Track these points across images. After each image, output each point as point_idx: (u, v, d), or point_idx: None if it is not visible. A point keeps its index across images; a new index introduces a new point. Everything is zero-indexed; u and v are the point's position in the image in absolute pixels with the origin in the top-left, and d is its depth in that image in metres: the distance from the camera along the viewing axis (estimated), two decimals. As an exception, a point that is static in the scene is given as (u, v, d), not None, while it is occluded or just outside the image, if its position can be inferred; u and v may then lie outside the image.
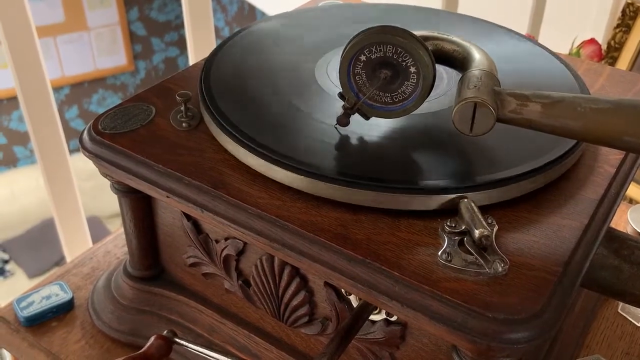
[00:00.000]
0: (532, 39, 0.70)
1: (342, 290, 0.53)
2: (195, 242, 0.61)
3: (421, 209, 0.48)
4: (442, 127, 0.54)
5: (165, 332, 0.54)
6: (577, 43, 1.12)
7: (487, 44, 0.63)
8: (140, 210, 0.62)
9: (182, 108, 0.57)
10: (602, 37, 1.45)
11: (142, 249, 0.65)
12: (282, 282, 0.56)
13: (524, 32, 1.14)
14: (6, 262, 3.02)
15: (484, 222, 0.44)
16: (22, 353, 0.67)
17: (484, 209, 0.47)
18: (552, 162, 0.51)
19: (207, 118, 0.56)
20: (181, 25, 3.65)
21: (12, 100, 3.22)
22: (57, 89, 3.39)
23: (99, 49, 3.49)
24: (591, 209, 0.50)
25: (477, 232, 0.44)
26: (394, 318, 0.52)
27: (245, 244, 0.57)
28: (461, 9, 1.36)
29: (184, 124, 0.57)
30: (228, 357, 0.52)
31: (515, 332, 0.40)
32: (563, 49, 1.06)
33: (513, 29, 0.71)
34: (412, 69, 0.50)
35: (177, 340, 0.54)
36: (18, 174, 3.36)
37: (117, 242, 0.80)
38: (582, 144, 0.54)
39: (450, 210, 0.47)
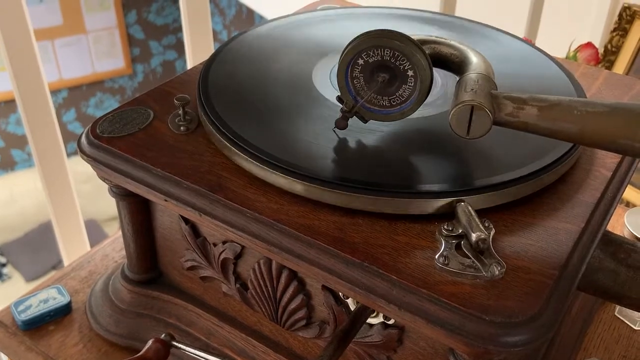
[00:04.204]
0: (529, 42, 0.70)
1: (340, 293, 0.53)
2: (193, 245, 0.61)
3: (418, 212, 0.48)
4: (439, 130, 0.54)
5: (163, 335, 0.54)
6: (574, 47, 1.12)
7: (484, 47, 0.63)
8: (138, 214, 0.62)
9: (180, 112, 0.58)
10: (599, 41, 1.45)
11: (140, 252, 0.65)
12: (279, 286, 0.56)
13: (521, 36, 1.15)
14: (3, 265, 3.01)
15: (480, 226, 0.44)
16: (20, 357, 0.67)
17: (481, 213, 0.47)
18: (549, 166, 0.51)
19: (205, 122, 0.56)
20: (179, 29, 3.65)
21: (10, 103, 3.21)
22: (55, 92, 3.39)
23: (97, 52, 3.49)
24: (588, 212, 0.50)
25: (474, 236, 0.44)
26: (391, 321, 0.52)
27: (243, 247, 0.57)
28: (459, 12, 1.36)
29: (182, 128, 0.57)
30: (226, 361, 0.52)
31: (512, 335, 0.41)
32: (560, 52, 1.06)
33: (510, 32, 0.71)
34: (410, 73, 0.50)
35: (175, 343, 0.54)
36: (16, 177, 3.36)
37: (115, 246, 0.80)
38: (579, 147, 0.54)
39: (448, 214, 0.47)
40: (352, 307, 0.53)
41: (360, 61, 0.51)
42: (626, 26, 1.18)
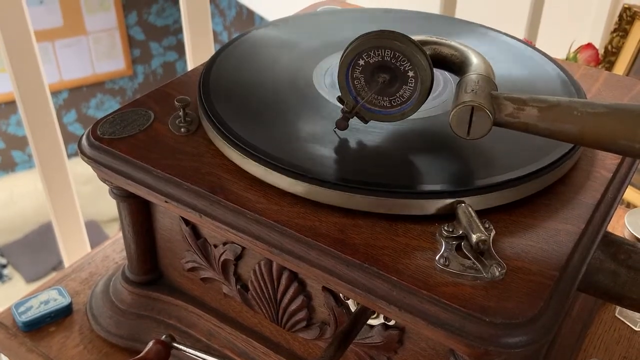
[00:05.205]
0: (529, 43, 0.70)
1: (340, 294, 0.53)
2: (193, 246, 0.61)
3: (419, 213, 0.48)
4: (439, 131, 0.54)
5: (163, 336, 0.54)
6: (574, 48, 1.12)
7: (485, 48, 0.63)
8: (139, 215, 0.63)
9: (181, 113, 0.58)
10: (599, 42, 1.45)
11: (141, 253, 0.65)
12: (280, 287, 0.56)
13: (521, 37, 1.15)
14: (4, 266, 3.01)
15: (481, 227, 0.44)
16: (20, 358, 0.67)
17: (481, 214, 0.47)
18: (549, 167, 0.51)
19: (206, 123, 0.56)
20: (179, 30, 3.65)
21: (11, 105, 3.21)
22: (55, 93, 3.39)
23: (98, 53, 3.49)
24: (588, 213, 0.50)
25: (474, 237, 0.44)
26: (391, 322, 0.52)
27: (243, 248, 0.57)
28: (459, 14, 1.36)
29: (182, 129, 0.57)
30: (226, 362, 0.52)
31: (512, 337, 0.41)
32: (560, 53, 1.06)
33: (511, 33, 0.71)
34: (410, 73, 0.50)
35: (176, 344, 0.54)
36: (16, 178, 3.36)
37: (116, 247, 0.80)
38: (579, 148, 0.54)
39: (448, 215, 0.47)
40: (353, 308, 0.53)
41: (361, 62, 0.51)
42: (626, 27, 1.18)
